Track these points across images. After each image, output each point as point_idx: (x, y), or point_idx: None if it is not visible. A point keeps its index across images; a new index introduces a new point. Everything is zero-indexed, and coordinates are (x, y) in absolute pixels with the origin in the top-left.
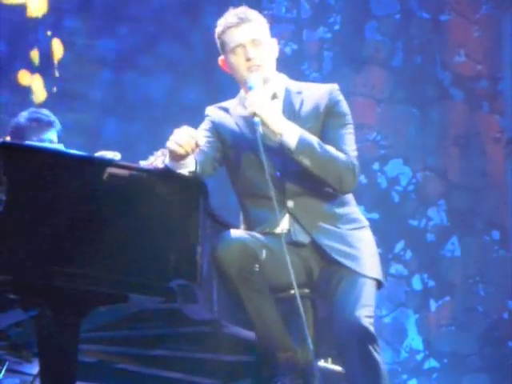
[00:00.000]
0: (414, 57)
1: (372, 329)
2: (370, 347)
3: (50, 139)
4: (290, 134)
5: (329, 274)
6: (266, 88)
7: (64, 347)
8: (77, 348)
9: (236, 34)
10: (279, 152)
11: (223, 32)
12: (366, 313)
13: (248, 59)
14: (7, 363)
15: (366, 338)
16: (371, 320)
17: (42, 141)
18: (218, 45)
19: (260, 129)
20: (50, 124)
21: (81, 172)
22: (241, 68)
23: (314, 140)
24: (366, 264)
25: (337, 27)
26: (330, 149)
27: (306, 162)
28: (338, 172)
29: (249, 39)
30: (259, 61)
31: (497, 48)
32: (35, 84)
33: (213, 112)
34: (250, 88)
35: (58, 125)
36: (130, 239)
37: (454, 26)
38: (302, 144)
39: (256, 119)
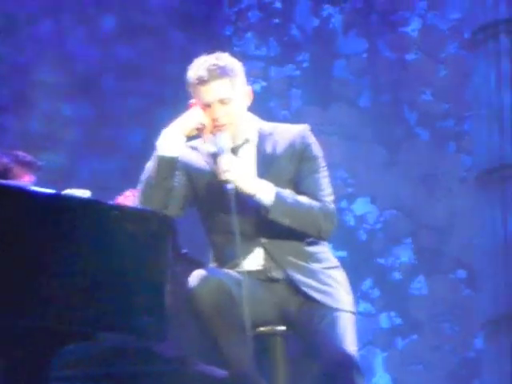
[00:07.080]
0: (381, 96)
1: (359, 363)
2: (359, 380)
3: (33, 182)
4: (265, 195)
5: (309, 313)
6: (238, 133)
7: None
8: None
9: (204, 94)
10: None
11: (192, 86)
12: (353, 347)
13: (214, 119)
14: None
15: (355, 370)
16: (357, 355)
17: (31, 184)
18: (188, 91)
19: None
20: (39, 168)
21: (48, 210)
22: (206, 127)
23: (288, 196)
24: (341, 299)
25: (305, 65)
26: (305, 200)
27: (284, 220)
28: (316, 223)
29: (216, 99)
30: (226, 120)
31: (463, 87)
32: None
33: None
34: (219, 151)
35: None
36: (96, 276)
37: (420, 66)
38: (278, 203)
39: (229, 186)
